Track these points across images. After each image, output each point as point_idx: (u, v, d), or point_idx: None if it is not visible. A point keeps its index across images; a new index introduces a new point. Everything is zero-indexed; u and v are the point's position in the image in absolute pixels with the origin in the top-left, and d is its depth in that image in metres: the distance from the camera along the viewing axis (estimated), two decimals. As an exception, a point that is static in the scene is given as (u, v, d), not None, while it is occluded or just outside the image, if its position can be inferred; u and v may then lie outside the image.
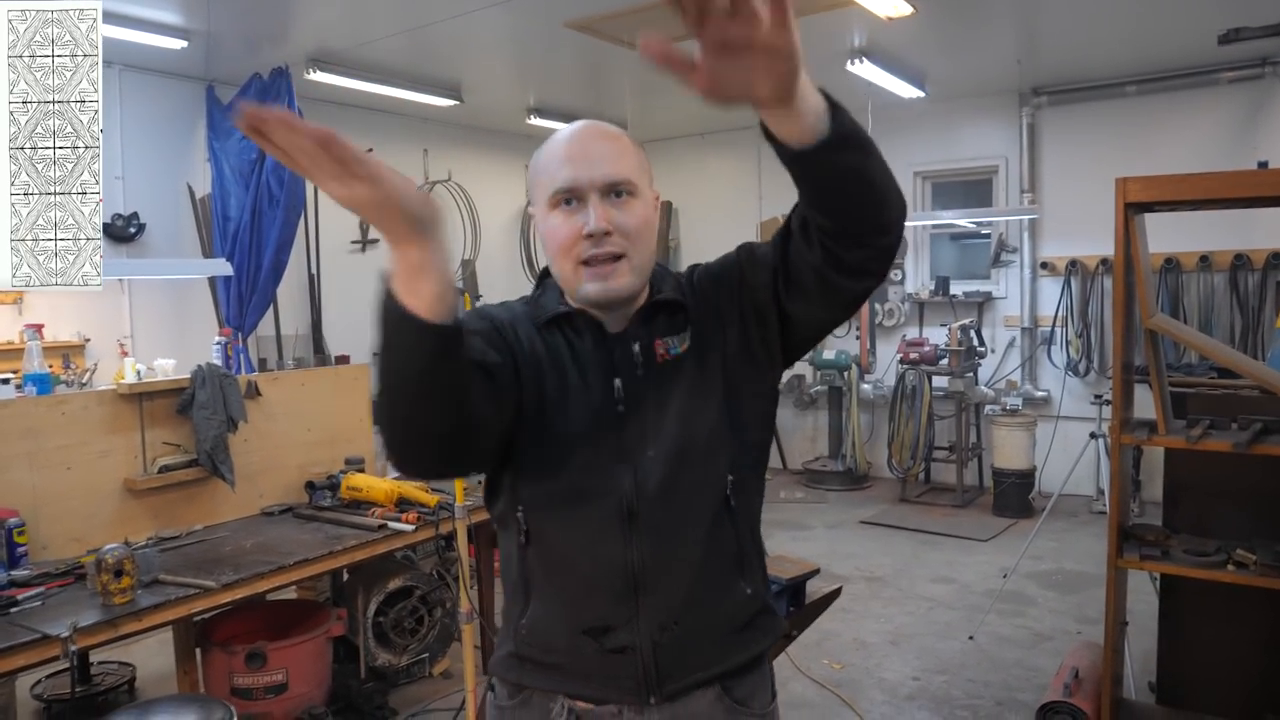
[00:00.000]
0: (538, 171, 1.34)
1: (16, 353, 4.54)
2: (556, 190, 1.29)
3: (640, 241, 1.31)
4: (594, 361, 1.35)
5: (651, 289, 1.39)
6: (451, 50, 5.81)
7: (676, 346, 1.36)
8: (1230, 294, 6.46)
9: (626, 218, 1.29)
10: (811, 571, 2.53)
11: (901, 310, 7.89)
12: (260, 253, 5.50)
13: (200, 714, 2.53)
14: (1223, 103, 6.55)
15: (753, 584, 1.41)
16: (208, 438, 3.55)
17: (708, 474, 1.35)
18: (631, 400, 1.33)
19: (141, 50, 5.05)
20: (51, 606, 2.68)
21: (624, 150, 1.33)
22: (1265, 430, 2.90)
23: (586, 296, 1.32)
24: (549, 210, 1.31)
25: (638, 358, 1.35)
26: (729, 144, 8.70)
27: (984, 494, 7.32)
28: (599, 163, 1.29)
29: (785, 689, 3.90)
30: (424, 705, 3.91)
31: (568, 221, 1.29)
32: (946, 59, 6.40)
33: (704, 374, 1.36)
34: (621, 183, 1.30)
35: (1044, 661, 4.19)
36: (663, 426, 1.33)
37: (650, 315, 1.37)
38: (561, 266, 1.33)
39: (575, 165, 1.29)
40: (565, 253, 1.30)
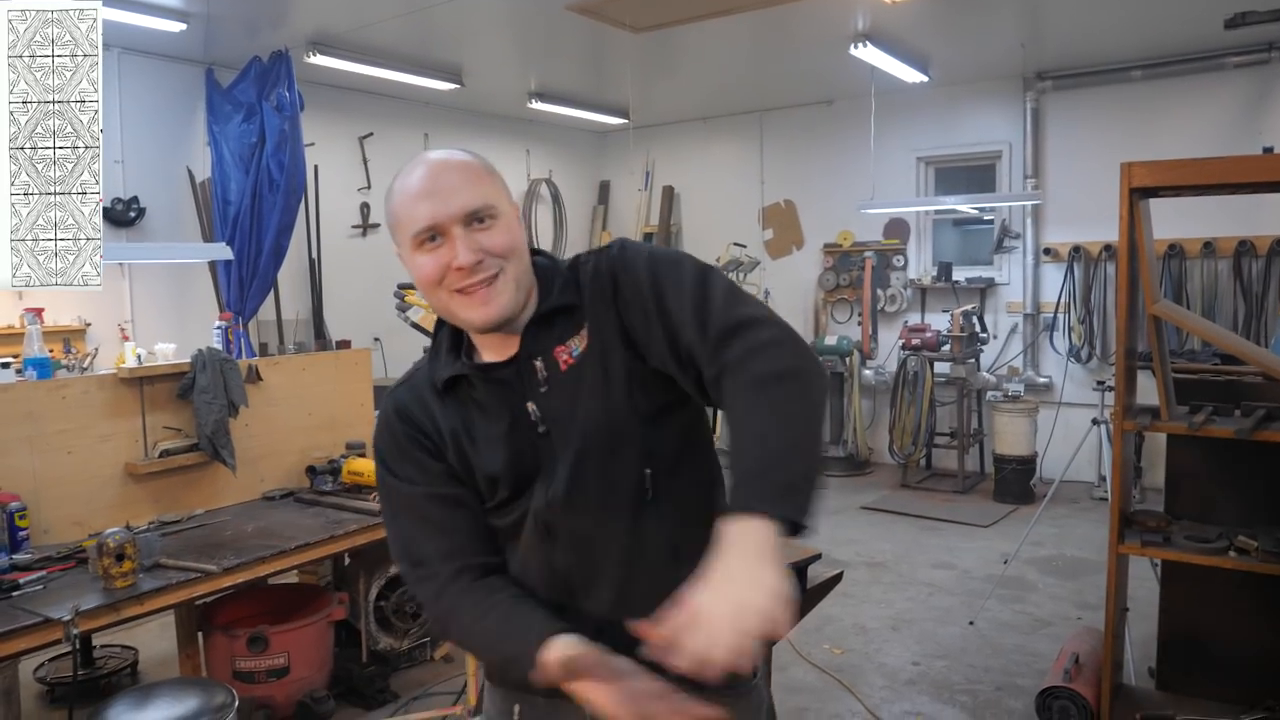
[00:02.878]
0: (395, 215, 1.31)
1: (17, 337, 4.54)
2: (418, 231, 1.27)
3: (513, 257, 1.29)
4: (500, 402, 1.34)
5: (541, 295, 1.36)
6: (452, 33, 5.78)
7: (577, 347, 1.33)
8: (1234, 280, 6.44)
9: (493, 240, 1.27)
10: (813, 557, 2.53)
11: (904, 296, 7.87)
12: (261, 237, 5.49)
13: (202, 697, 2.53)
14: (1228, 88, 6.51)
15: (696, 569, 1.39)
16: (208, 422, 3.55)
17: (617, 471, 1.33)
18: (549, 416, 1.33)
19: (140, 33, 5.02)
20: (53, 590, 2.68)
21: (475, 176, 1.30)
22: (1268, 417, 2.89)
23: (470, 324, 1.31)
24: (413, 251, 1.29)
25: (541, 373, 1.33)
26: (731, 129, 8.67)
27: (985, 480, 7.32)
28: (453, 195, 1.27)
29: (785, 673, 3.91)
30: (425, 689, 3.92)
31: (434, 257, 1.27)
32: (950, 43, 6.36)
33: (606, 368, 1.33)
34: (480, 209, 1.27)
35: (1044, 647, 4.20)
36: (570, 433, 1.32)
37: (543, 324, 1.34)
38: (437, 300, 1.31)
39: (431, 201, 1.27)
40: (437, 286, 1.29)
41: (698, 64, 6.80)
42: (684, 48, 6.27)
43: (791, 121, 8.39)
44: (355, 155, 7.03)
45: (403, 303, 4.40)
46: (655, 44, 5.90)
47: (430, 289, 1.30)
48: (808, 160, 8.31)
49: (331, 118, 6.70)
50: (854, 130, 7.65)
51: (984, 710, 3.68)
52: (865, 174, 7.28)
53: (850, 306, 8.15)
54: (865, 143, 7.20)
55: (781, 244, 8.54)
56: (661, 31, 5.55)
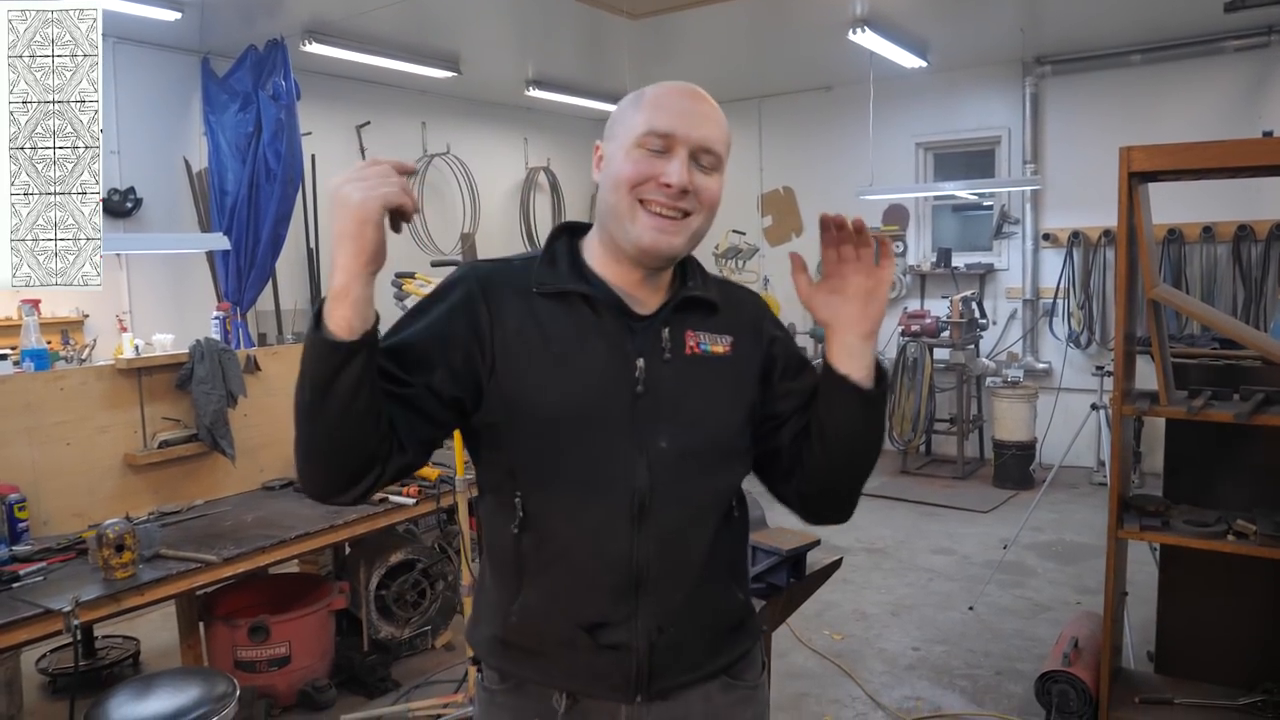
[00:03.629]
0: (634, 108, 1.27)
1: (14, 328, 4.52)
2: (651, 130, 1.23)
3: (706, 212, 1.28)
4: (613, 340, 1.28)
5: (683, 276, 1.36)
6: (449, 21, 5.75)
7: (708, 345, 1.32)
8: (1233, 265, 6.43)
9: (706, 185, 1.26)
10: (812, 543, 2.53)
11: (903, 282, 7.86)
12: (258, 227, 5.47)
13: (204, 687, 2.54)
14: (1228, 72, 6.48)
15: (743, 589, 1.42)
16: (207, 412, 3.54)
17: (720, 480, 1.32)
18: (654, 384, 1.27)
19: (136, 22, 4.99)
20: (53, 581, 2.69)
21: (723, 125, 1.30)
22: (1267, 401, 2.89)
23: (637, 240, 1.25)
24: (632, 147, 1.24)
25: (666, 342, 1.29)
26: (729, 115, 8.33)
27: (985, 466, 7.33)
28: (703, 124, 1.25)
29: (786, 659, 3.92)
30: (426, 677, 3.93)
31: (648, 162, 1.24)
32: (949, 28, 6.33)
33: (738, 379, 1.34)
34: (713, 151, 1.26)
35: (1043, 631, 4.21)
36: (679, 419, 1.28)
37: (682, 306, 1.32)
38: (617, 198, 1.25)
39: (679, 116, 1.24)
40: (630, 187, 1.24)
41: (696, 50, 6.77)
42: (682, 34, 6.24)
43: (790, 108, 8.36)
44: (352, 144, 7.01)
45: (400, 291, 4.39)
46: (653, 30, 5.87)
47: (620, 188, 1.25)
48: (807, 146, 8.28)
49: (328, 106, 6.67)
50: (853, 116, 7.62)
51: (983, 695, 3.70)
52: (864, 160, 7.26)
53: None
54: (864, 129, 7.17)
55: (781, 231, 8.53)
56: (659, 18, 5.53)
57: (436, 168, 7.59)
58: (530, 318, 1.27)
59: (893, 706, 3.61)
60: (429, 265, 3.63)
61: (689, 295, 1.33)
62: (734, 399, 1.33)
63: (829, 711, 3.60)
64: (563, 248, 1.35)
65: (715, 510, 1.32)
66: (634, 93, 1.31)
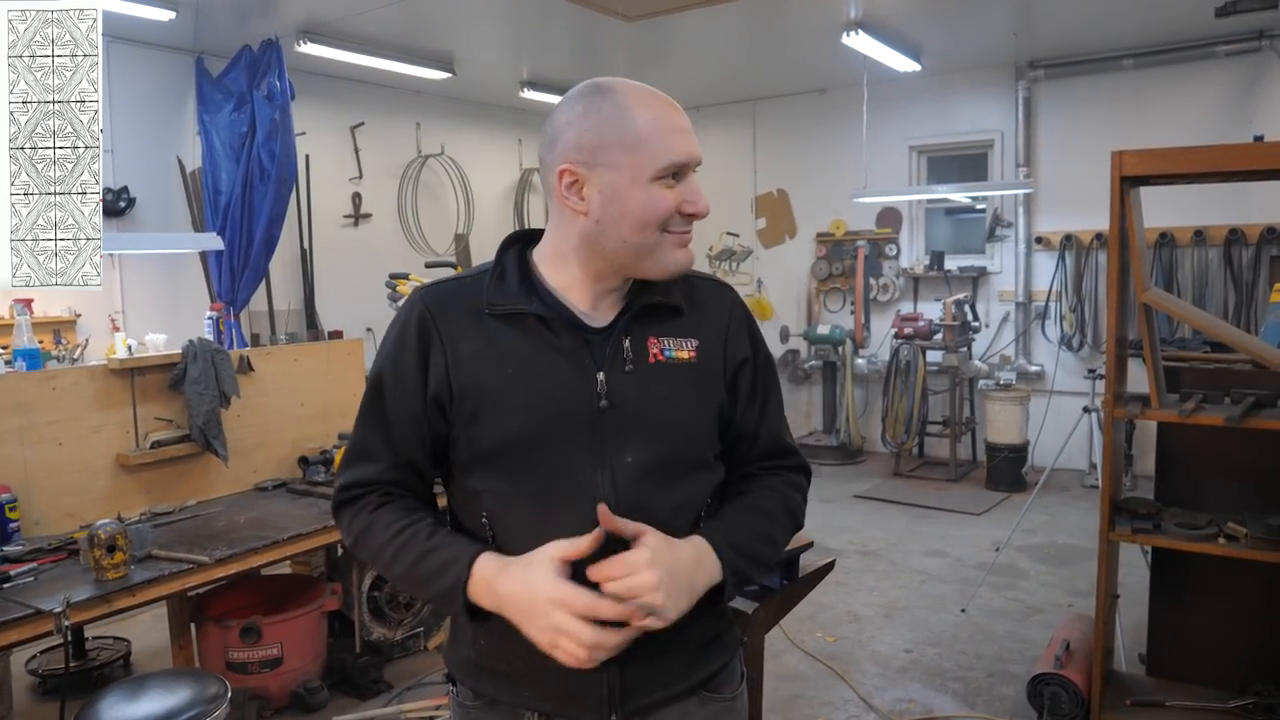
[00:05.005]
0: (625, 132, 1.21)
1: (6, 328, 4.51)
2: (674, 163, 1.21)
3: None
4: (572, 357, 1.26)
5: (642, 280, 1.31)
6: (444, 22, 5.75)
7: (671, 351, 1.29)
8: (1224, 268, 6.46)
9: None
10: (805, 545, 2.53)
11: (896, 285, 7.88)
12: (252, 227, 5.47)
13: (195, 688, 2.53)
14: (1219, 76, 6.51)
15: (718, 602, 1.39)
16: (200, 413, 3.53)
17: (688, 491, 1.30)
18: (616, 397, 1.25)
19: (130, 21, 4.97)
20: (44, 582, 2.67)
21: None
22: (1258, 404, 2.90)
23: (669, 267, 1.26)
24: (649, 182, 1.21)
25: (627, 353, 1.27)
26: (724, 117, 8.64)
27: (977, 468, 7.35)
28: (693, 138, 1.25)
29: (778, 661, 3.92)
30: (419, 679, 3.92)
31: (671, 195, 1.23)
32: (942, 31, 6.35)
33: (705, 382, 1.31)
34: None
35: (1035, 634, 4.23)
36: (644, 431, 1.26)
37: (641, 314, 1.30)
38: (643, 237, 1.23)
39: (689, 139, 1.23)
40: (659, 225, 1.23)
41: (690, 53, 6.78)
42: (676, 36, 6.24)
43: (784, 110, 8.37)
44: (347, 145, 7.00)
45: (394, 292, 4.39)
46: (647, 32, 5.88)
47: (649, 226, 1.23)
48: (800, 149, 8.30)
49: (323, 107, 6.66)
50: (847, 119, 7.63)
51: (976, 697, 3.70)
52: (858, 163, 7.27)
53: (843, 295, 8.16)
54: (858, 132, 7.19)
55: (774, 233, 8.54)
56: (653, 20, 5.53)
57: (431, 169, 7.59)
58: (484, 340, 1.27)
59: (885, 709, 3.62)
60: (423, 266, 3.63)
61: (649, 303, 1.30)
62: (701, 404, 1.32)
63: (821, 713, 3.60)
64: (513, 261, 1.32)
65: (684, 522, 1.29)
66: (597, 107, 1.23)
